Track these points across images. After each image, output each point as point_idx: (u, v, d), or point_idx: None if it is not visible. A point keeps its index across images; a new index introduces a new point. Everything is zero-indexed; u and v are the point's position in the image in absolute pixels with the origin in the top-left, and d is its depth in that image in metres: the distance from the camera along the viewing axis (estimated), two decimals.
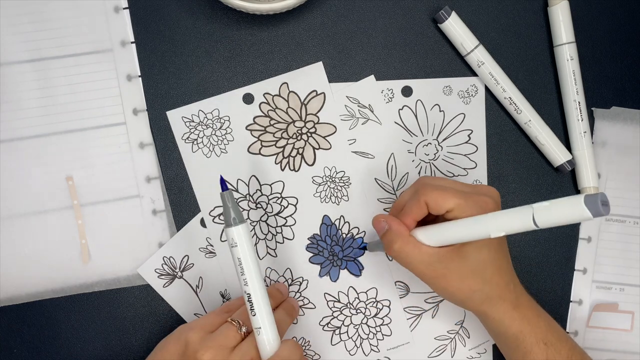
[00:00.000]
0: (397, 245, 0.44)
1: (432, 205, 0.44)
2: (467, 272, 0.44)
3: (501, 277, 0.45)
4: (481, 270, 0.44)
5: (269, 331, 0.44)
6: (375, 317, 0.55)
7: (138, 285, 0.54)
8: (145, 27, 0.54)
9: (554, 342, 0.46)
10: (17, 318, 0.53)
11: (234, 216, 0.43)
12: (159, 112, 0.54)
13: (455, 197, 0.43)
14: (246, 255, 0.43)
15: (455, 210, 0.43)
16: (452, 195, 0.43)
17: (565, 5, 0.54)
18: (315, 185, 0.54)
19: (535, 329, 0.45)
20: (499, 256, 0.45)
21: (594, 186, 0.54)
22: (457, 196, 0.43)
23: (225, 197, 0.43)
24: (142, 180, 0.54)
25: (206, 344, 0.44)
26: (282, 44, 0.54)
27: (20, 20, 0.52)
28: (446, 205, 0.43)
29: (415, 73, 0.55)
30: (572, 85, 0.54)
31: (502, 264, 0.45)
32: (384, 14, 0.55)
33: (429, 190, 0.44)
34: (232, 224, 0.43)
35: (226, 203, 0.43)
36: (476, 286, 0.44)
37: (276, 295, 0.51)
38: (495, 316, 0.45)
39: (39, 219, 0.53)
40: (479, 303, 0.45)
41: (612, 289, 0.56)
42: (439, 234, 0.44)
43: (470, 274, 0.44)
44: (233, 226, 0.43)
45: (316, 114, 0.54)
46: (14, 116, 0.52)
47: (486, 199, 0.44)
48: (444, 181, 0.46)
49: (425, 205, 0.44)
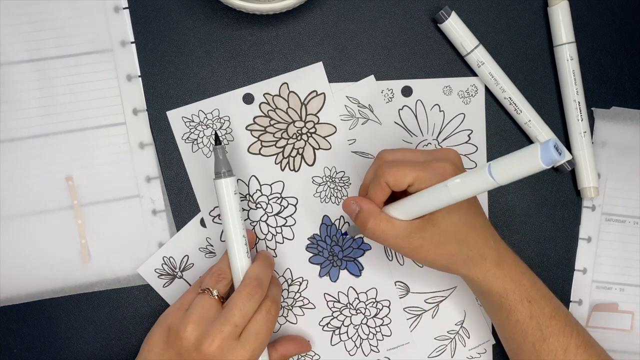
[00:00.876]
0: (371, 224, 0.44)
1: (392, 183, 0.44)
2: (442, 238, 0.44)
3: (477, 235, 0.45)
4: (454, 233, 0.44)
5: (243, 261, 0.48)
6: (375, 317, 0.55)
7: (138, 285, 0.54)
8: (145, 27, 0.54)
9: (538, 299, 0.46)
10: (17, 318, 0.53)
11: (225, 170, 0.47)
12: (159, 112, 0.54)
13: (413, 171, 0.43)
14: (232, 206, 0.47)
15: (415, 183, 0.43)
16: (410, 169, 0.43)
17: (565, 5, 0.54)
18: (315, 186, 0.54)
19: (519, 286, 0.45)
20: (470, 215, 0.45)
21: (594, 186, 0.54)
22: (415, 168, 0.43)
23: (217, 150, 0.48)
24: (142, 180, 0.54)
25: (185, 321, 0.45)
26: (282, 44, 0.54)
27: (20, 20, 0.52)
28: (406, 180, 0.43)
29: (415, 73, 0.55)
30: (572, 85, 0.54)
31: (476, 222, 0.45)
32: (384, 14, 0.55)
33: (387, 169, 0.44)
34: (221, 175, 0.47)
35: (218, 156, 0.47)
36: (453, 249, 0.44)
37: None
38: (478, 275, 0.45)
39: (39, 219, 0.53)
40: (460, 266, 0.45)
41: (612, 289, 0.56)
42: (407, 208, 0.44)
43: (445, 239, 0.44)
44: (222, 178, 0.47)
45: (316, 114, 0.54)
46: (14, 116, 0.52)
47: (444, 165, 0.44)
48: (401, 153, 0.46)
49: (386, 185, 0.44)
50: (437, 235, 0.44)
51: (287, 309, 0.54)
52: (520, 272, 0.46)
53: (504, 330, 0.48)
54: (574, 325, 0.46)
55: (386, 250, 0.55)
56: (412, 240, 0.44)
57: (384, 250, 0.55)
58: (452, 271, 0.46)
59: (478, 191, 0.39)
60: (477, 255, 0.45)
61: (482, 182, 0.38)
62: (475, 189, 0.39)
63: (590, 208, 0.56)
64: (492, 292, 0.46)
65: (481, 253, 0.45)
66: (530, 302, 0.45)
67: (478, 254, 0.45)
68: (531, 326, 0.45)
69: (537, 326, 0.45)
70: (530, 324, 0.45)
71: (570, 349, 0.45)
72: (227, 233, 0.48)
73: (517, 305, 0.45)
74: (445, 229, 0.44)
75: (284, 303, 0.54)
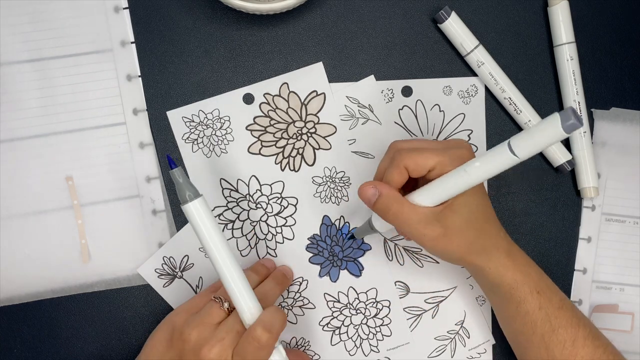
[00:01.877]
0: (395, 208, 0.44)
1: (412, 167, 0.43)
2: (462, 224, 0.44)
3: (491, 226, 0.45)
4: (473, 220, 0.44)
5: (247, 300, 0.44)
6: (375, 317, 0.55)
7: (138, 285, 0.54)
8: (145, 27, 0.54)
9: (546, 290, 0.46)
10: (17, 318, 0.53)
11: (189, 193, 0.43)
12: (159, 112, 0.54)
13: (434, 155, 0.43)
14: (209, 232, 0.43)
15: (437, 167, 0.43)
16: (430, 153, 0.43)
17: (565, 5, 0.54)
18: (315, 186, 0.54)
19: (527, 277, 0.45)
20: (485, 204, 0.45)
21: (594, 186, 0.54)
22: (436, 154, 0.43)
23: (175, 174, 0.42)
24: (142, 180, 0.54)
25: (191, 324, 0.45)
26: (282, 44, 0.54)
27: (20, 20, 0.52)
28: (427, 164, 0.43)
29: (415, 73, 0.55)
30: (572, 86, 0.54)
31: (489, 212, 0.46)
32: (384, 14, 0.55)
33: (406, 154, 0.44)
34: (187, 200, 0.42)
35: (177, 180, 0.42)
36: (472, 237, 0.44)
37: (260, 270, 0.51)
38: (491, 267, 0.45)
39: (38, 219, 0.53)
40: (475, 256, 0.45)
41: (612, 289, 0.56)
42: (430, 193, 0.44)
43: (465, 226, 0.44)
44: (189, 202, 0.42)
45: (316, 114, 0.54)
46: (14, 116, 0.52)
47: (462, 151, 0.44)
48: (417, 142, 0.46)
49: (405, 170, 0.44)
50: (457, 221, 0.43)
51: (287, 309, 0.54)
52: (527, 263, 0.46)
53: (512, 323, 0.48)
54: (580, 317, 0.47)
55: (386, 250, 0.55)
56: (434, 227, 0.44)
57: (384, 251, 0.55)
58: (466, 262, 0.46)
59: (499, 169, 0.40)
60: (491, 246, 0.45)
61: (503, 159, 0.39)
62: (497, 167, 0.40)
63: (590, 208, 0.56)
64: (503, 284, 0.46)
65: (494, 243, 0.45)
66: (539, 293, 0.45)
67: (492, 243, 0.45)
68: (540, 317, 0.45)
69: (546, 317, 0.45)
70: (540, 315, 0.45)
71: (578, 340, 0.45)
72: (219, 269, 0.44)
73: (527, 297, 0.45)
74: (465, 215, 0.44)
75: (284, 303, 0.54)
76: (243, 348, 0.43)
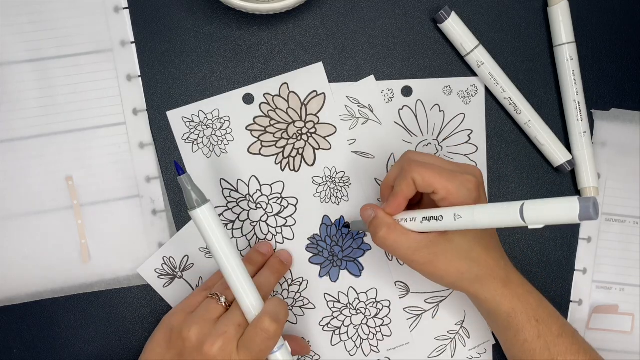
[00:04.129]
0: (382, 233, 0.44)
1: (419, 182, 0.43)
2: (454, 255, 0.43)
3: (489, 256, 0.45)
4: (467, 251, 0.44)
5: (250, 296, 0.44)
6: (375, 317, 0.55)
7: (138, 285, 0.54)
8: (145, 27, 0.54)
9: (545, 318, 0.45)
10: (17, 318, 0.53)
11: (196, 198, 0.43)
12: (159, 112, 0.54)
13: (442, 179, 0.43)
14: (217, 237, 0.44)
15: (441, 192, 0.43)
16: (440, 175, 0.43)
17: (565, 5, 0.54)
18: (315, 186, 0.54)
19: (526, 306, 0.45)
20: (485, 236, 0.45)
21: (594, 186, 0.54)
22: (444, 176, 0.43)
23: (184, 180, 0.43)
24: (142, 180, 0.54)
25: (190, 322, 0.45)
26: (282, 44, 0.54)
27: (20, 20, 0.52)
28: (433, 185, 0.43)
29: (415, 73, 0.55)
30: (572, 86, 0.54)
31: (489, 242, 0.45)
32: (384, 14, 0.55)
33: (416, 167, 0.44)
34: (195, 205, 0.43)
35: (185, 186, 0.43)
36: (464, 268, 0.44)
37: (256, 259, 0.51)
38: (487, 296, 0.45)
39: (38, 219, 0.53)
40: (468, 284, 0.45)
41: (612, 289, 0.56)
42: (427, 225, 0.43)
43: (457, 257, 0.44)
44: (197, 208, 0.43)
45: (316, 114, 0.54)
46: (13, 116, 0.52)
47: (470, 178, 0.44)
48: (429, 158, 0.46)
49: (412, 183, 0.44)
50: (449, 251, 0.43)
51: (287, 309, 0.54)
52: (527, 291, 0.46)
53: (512, 350, 0.47)
54: (581, 344, 0.46)
55: None
56: (422, 254, 0.44)
57: (384, 251, 0.55)
58: (459, 288, 0.46)
59: (503, 225, 0.38)
60: (486, 275, 0.45)
61: (510, 218, 0.37)
62: (500, 222, 0.38)
63: None
64: (500, 312, 0.45)
65: (490, 273, 0.45)
66: (537, 321, 0.45)
67: (487, 273, 0.45)
68: (539, 346, 0.45)
69: (545, 346, 0.45)
70: (538, 343, 0.45)
71: None
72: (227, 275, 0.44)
73: (525, 325, 0.45)
74: (458, 247, 0.43)
75: None
76: (251, 339, 0.43)
